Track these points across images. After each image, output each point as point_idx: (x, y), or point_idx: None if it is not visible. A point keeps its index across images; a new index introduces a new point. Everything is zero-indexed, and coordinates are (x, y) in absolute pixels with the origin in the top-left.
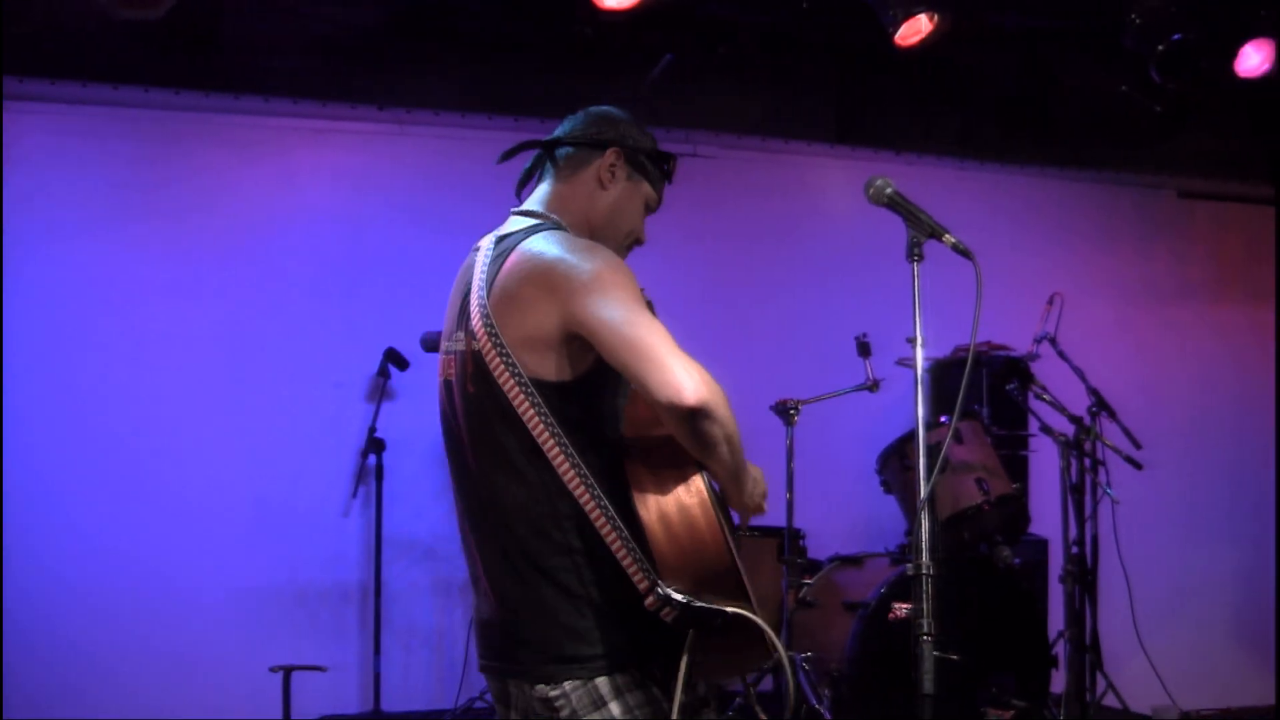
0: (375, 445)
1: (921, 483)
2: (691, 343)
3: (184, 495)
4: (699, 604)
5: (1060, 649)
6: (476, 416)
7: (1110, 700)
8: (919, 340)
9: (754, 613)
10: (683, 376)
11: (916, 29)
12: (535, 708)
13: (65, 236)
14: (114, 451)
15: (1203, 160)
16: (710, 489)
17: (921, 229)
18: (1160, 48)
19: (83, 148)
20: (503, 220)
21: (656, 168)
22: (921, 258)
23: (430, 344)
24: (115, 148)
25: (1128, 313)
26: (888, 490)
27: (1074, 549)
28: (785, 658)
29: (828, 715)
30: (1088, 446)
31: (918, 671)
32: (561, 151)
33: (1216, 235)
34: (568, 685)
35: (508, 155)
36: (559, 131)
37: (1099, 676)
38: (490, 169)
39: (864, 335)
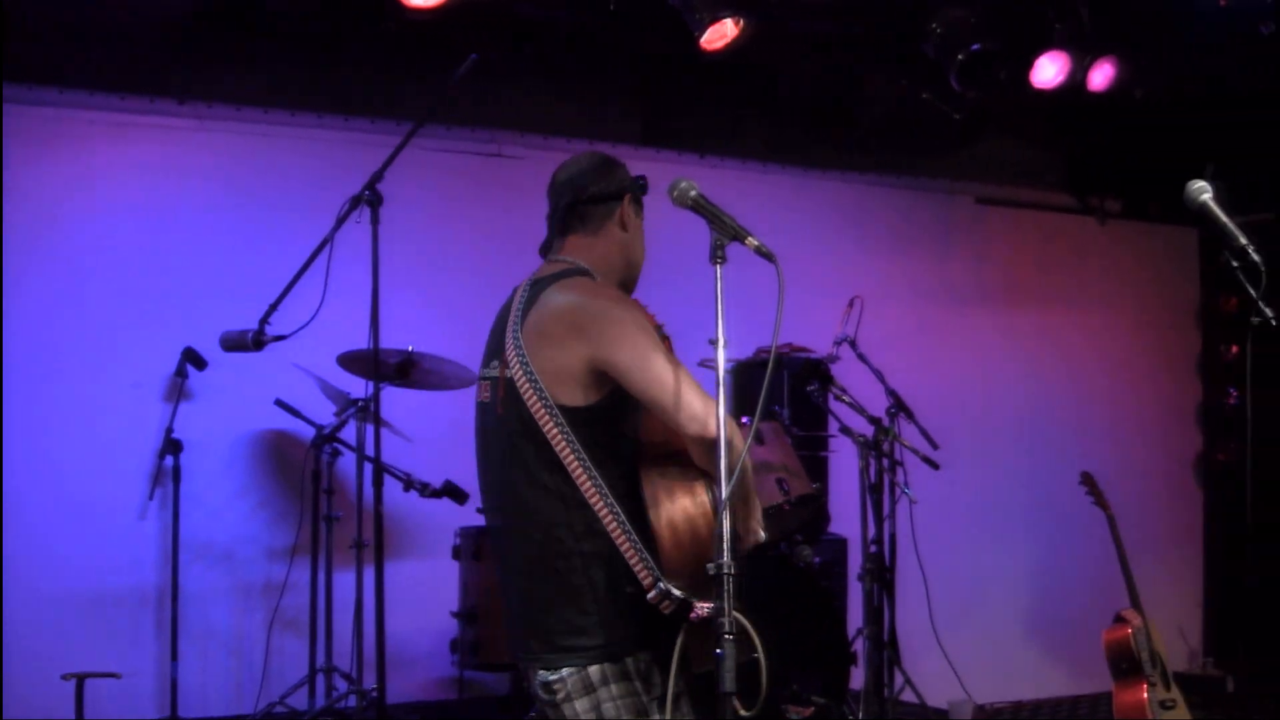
0: (172, 446)
1: (722, 483)
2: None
3: None
4: (694, 600)
5: (859, 646)
6: (504, 434)
7: (908, 695)
8: (721, 342)
9: (743, 614)
10: (706, 413)
11: (722, 33)
12: (539, 692)
13: None
14: None
15: (1000, 168)
16: (714, 502)
17: (725, 231)
18: (960, 57)
19: None
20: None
21: (641, 193)
22: (724, 260)
23: (230, 344)
24: None
25: (926, 316)
26: None
27: (872, 548)
28: (764, 659)
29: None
30: (886, 447)
31: (719, 670)
32: (583, 209)
33: (1012, 241)
34: (565, 671)
35: (547, 250)
36: (569, 191)
37: (897, 672)
38: (291, 166)
39: (666, 336)
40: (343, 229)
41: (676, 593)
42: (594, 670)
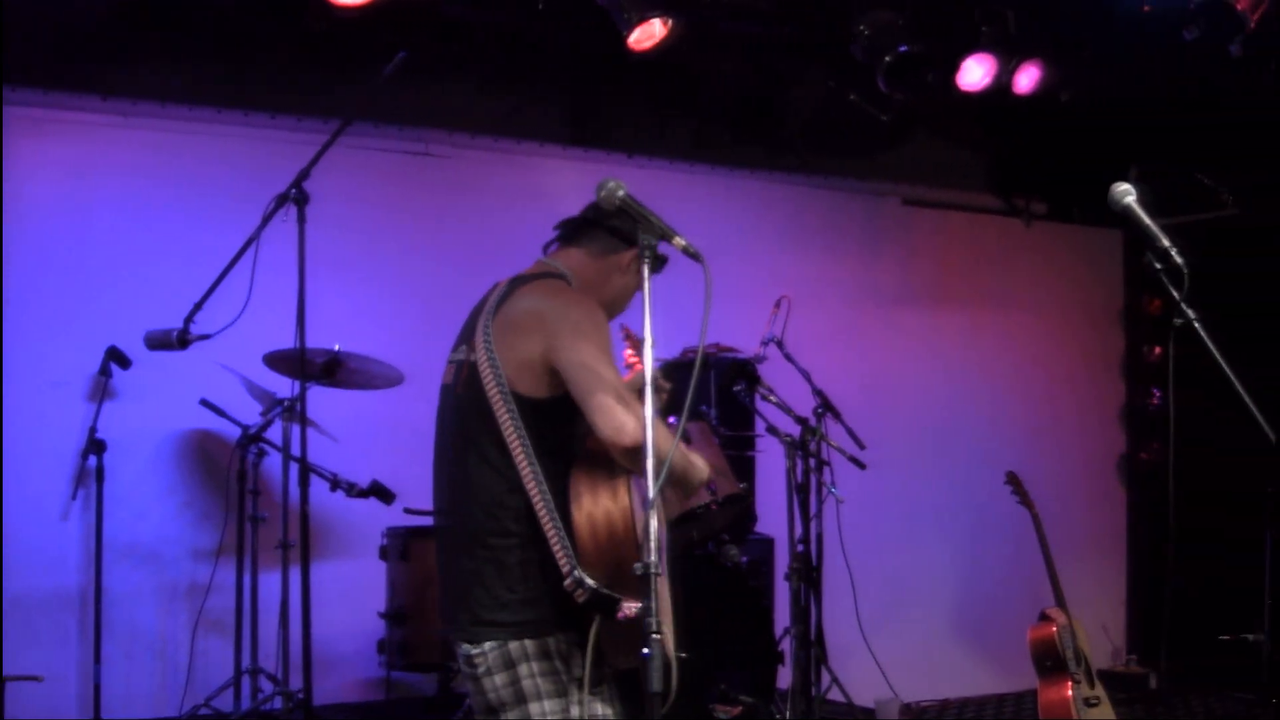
0: (96, 446)
1: (650, 483)
2: (415, 342)
3: None
4: (605, 591)
5: (786, 645)
6: (461, 415)
7: (835, 694)
8: (648, 341)
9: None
10: (624, 421)
11: (650, 34)
12: (462, 665)
13: None
14: None
15: (927, 169)
16: (636, 503)
17: (652, 231)
18: (887, 59)
19: None
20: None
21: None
22: (653, 260)
23: (154, 343)
24: None
25: (853, 316)
26: None
27: (799, 547)
28: (673, 656)
29: None
30: (813, 447)
31: (646, 670)
32: (597, 231)
33: (939, 242)
34: (487, 646)
35: (565, 226)
36: (596, 210)
37: (824, 671)
38: (217, 164)
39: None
40: (269, 227)
41: (590, 582)
42: (514, 646)
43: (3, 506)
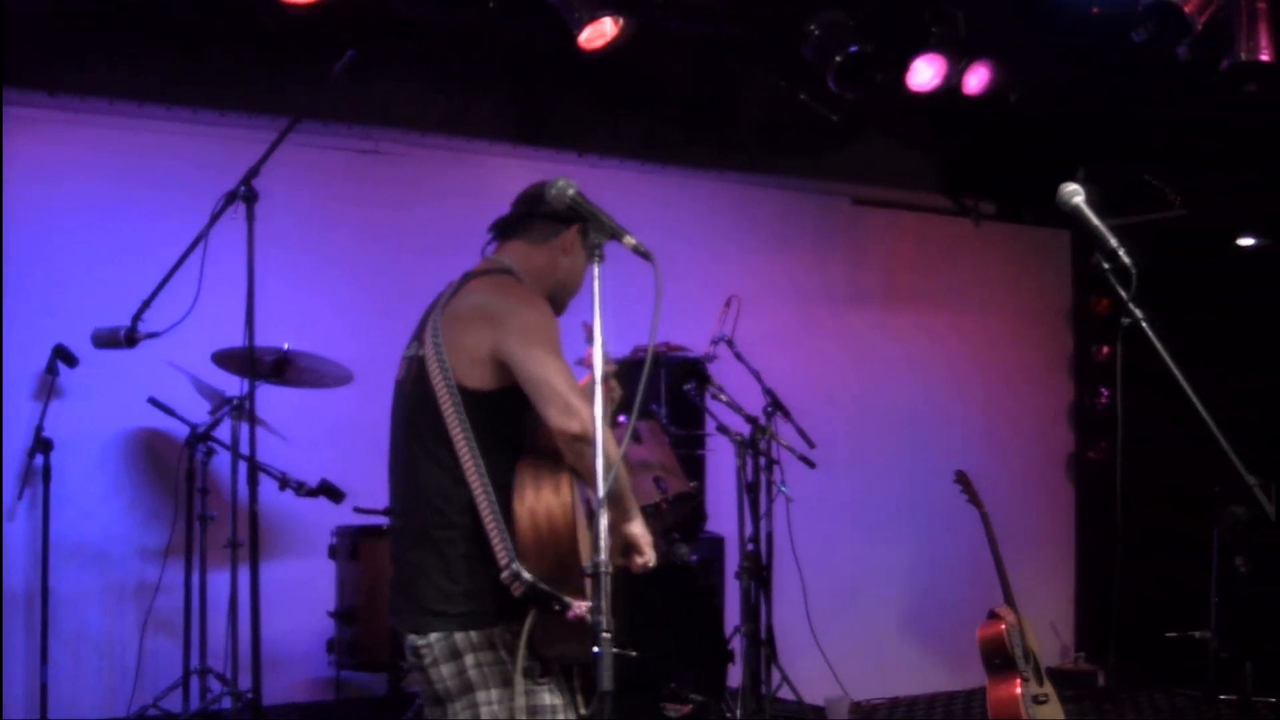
0: (42, 445)
1: (600, 481)
2: (365, 341)
3: None
4: (542, 586)
5: (737, 643)
6: (410, 410)
7: (785, 693)
8: (598, 340)
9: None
10: (573, 410)
11: (601, 32)
12: (410, 656)
13: None
14: None
15: (877, 169)
16: (578, 500)
17: (603, 230)
18: (837, 59)
19: None
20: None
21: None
22: (602, 258)
23: (102, 341)
24: None
25: (804, 315)
26: None
27: (750, 546)
28: (609, 650)
29: None
30: (763, 445)
31: (597, 669)
32: (532, 220)
33: (888, 242)
34: (433, 636)
35: (499, 225)
36: (527, 203)
37: (774, 670)
38: (166, 161)
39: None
40: (218, 225)
41: (526, 575)
42: (459, 637)
43: None
